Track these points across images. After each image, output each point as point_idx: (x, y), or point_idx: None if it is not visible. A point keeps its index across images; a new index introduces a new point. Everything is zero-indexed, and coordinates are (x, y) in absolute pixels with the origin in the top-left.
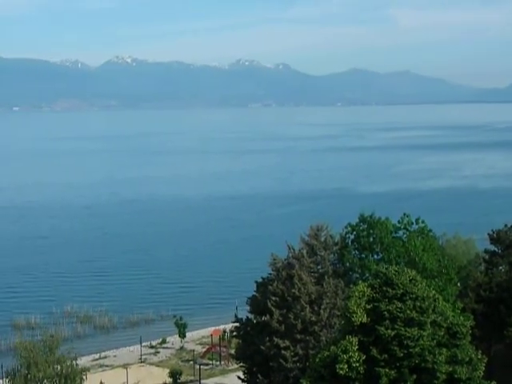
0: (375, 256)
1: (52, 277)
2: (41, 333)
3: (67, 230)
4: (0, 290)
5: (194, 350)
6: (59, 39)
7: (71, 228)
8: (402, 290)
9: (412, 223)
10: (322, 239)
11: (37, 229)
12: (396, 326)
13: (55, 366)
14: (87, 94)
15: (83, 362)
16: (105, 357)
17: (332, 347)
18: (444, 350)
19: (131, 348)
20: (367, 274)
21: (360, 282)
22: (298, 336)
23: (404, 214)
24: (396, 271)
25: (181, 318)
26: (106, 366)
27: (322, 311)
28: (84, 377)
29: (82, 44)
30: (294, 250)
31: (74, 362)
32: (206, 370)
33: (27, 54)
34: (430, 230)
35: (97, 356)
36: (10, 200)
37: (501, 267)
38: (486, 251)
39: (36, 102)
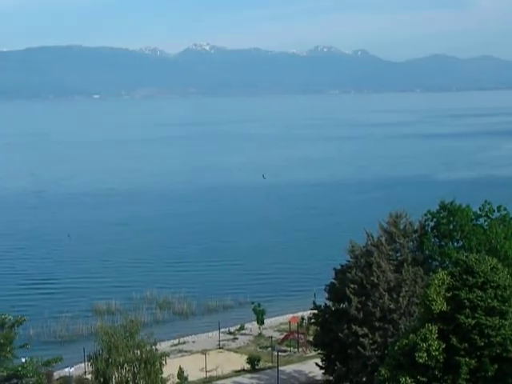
0: (455, 244)
1: (132, 263)
2: (121, 318)
3: (147, 217)
4: (81, 275)
5: (271, 337)
6: (139, 27)
7: (151, 215)
8: (482, 279)
9: (493, 211)
10: (401, 226)
11: (117, 215)
12: (476, 315)
13: (135, 351)
14: (166, 81)
15: (163, 347)
16: (184, 342)
17: (411, 335)
18: None
19: (210, 334)
20: (447, 262)
21: (440, 269)
22: (377, 324)
23: (485, 202)
24: (477, 259)
25: (259, 305)
26: (185, 351)
27: (400, 299)
28: (163, 362)
29: (161, 32)
30: (372, 237)
31: (153, 346)
32: (283, 356)
33: (107, 43)
34: None
35: (176, 341)
36: (91, 187)
37: None
38: None
39: (116, 89)
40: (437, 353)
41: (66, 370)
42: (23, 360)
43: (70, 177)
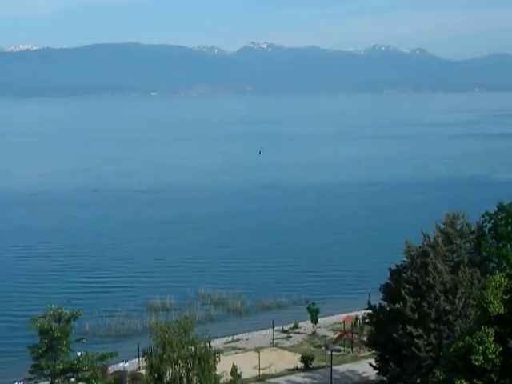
0: None
1: (187, 261)
2: (175, 314)
3: (202, 215)
4: (137, 272)
5: (325, 336)
6: (196, 25)
7: (206, 213)
8: None
9: None
10: (458, 227)
11: (172, 213)
12: None
13: (189, 347)
14: (223, 79)
15: (216, 344)
16: (237, 340)
17: (467, 338)
18: None
19: (263, 332)
20: (504, 264)
21: (497, 271)
22: (432, 325)
23: None
24: None
25: (313, 304)
26: (239, 348)
27: (456, 300)
28: (217, 359)
29: (218, 30)
30: (429, 237)
31: (207, 343)
32: (337, 356)
33: (165, 40)
34: None
35: (230, 339)
36: (148, 184)
37: None
38: None
39: (172, 87)
40: (493, 356)
41: (121, 364)
42: (79, 354)
43: (127, 174)
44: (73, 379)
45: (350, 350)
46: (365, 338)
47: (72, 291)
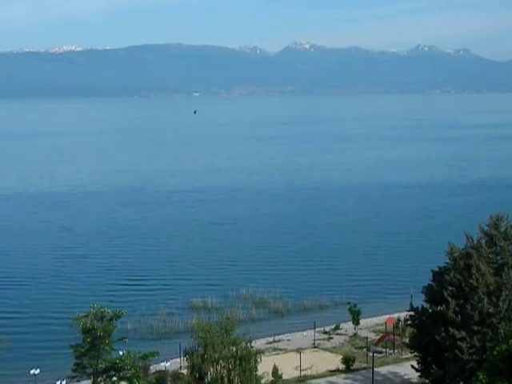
0: None
1: (228, 261)
2: (217, 314)
3: (244, 216)
4: (178, 272)
5: (367, 338)
6: (239, 26)
7: (248, 214)
8: None
9: None
10: (502, 229)
11: (214, 214)
12: None
13: (231, 348)
14: (265, 80)
15: (258, 344)
16: (279, 340)
17: (511, 341)
18: None
19: (304, 333)
20: None
21: None
22: (475, 327)
23: None
24: None
25: (355, 305)
26: (280, 349)
27: (500, 303)
28: (258, 359)
29: (260, 30)
30: (472, 239)
31: (248, 344)
32: (379, 357)
33: (208, 41)
34: None
35: (271, 339)
36: (190, 185)
37: None
38: None
39: (214, 87)
40: None
41: (162, 364)
42: (121, 353)
43: (169, 174)
44: (115, 378)
45: (391, 351)
46: (407, 340)
47: (114, 291)
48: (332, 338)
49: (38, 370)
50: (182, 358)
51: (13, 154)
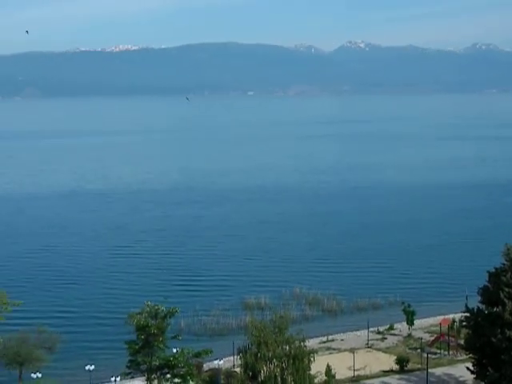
0: None
1: (282, 260)
2: (270, 313)
3: (296, 215)
4: (232, 271)
5: (421, 338)
6: (294, 24)
7: (300, 213)
8: None
9: None
10: None
11: (266, 213)
12: None
13: (284, 346)
14: (320, 79)
15: (311, 343)
16: (332, 340)
17: None
18: None
19: (358, 333)
20: None
21: None
22: None
23: None
24: None
25: (409, 306)
26: (333, 349)
27: None
28: (312, 358)
29: (315, 29)
30: None
31: (302, 343)
32: (433, 358)
33: (262, 40)
34: None
35: (324, 339)
36: (240, 183)
37: None
38: None
39: (269, 86)
40: None
41: (216, 362)
42: (174, 350)
43: (224, 173)
44: (168, 375)
45: (446, 353)
46: (462, 342)
47: (168, 289)
48: (386, 339)
49: (93, 366)
50: (235, 357)
51: (69, 153)
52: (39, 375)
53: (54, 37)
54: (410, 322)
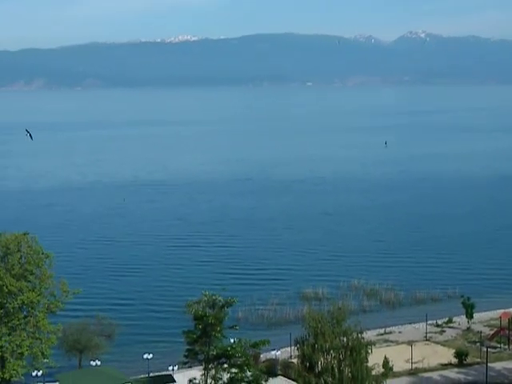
0: None
1: (340, 251)
2: (328, 304)
3: (354, 206)
4: (290, 262)
5: (481, 332)
6: (354, 14)
7: (359, 204)
8: None
9: None
10: None
11: (324, 204)
12: None
13: (341, 338)
14: (379, 69)
15: (368, 335)
16: (390, 332)
17: None
18: None
19: (416, 325)
20: None
21: None
22: None
23: None
24: None
25: (468, 299)
26: (391, 341)
27: None
28: (369, 350)
29: (376, 19)
30: None
31: (359, 335)
32: (493, 353)
33: (322, 30)
34: None
35: (382, 331)
36: (300, 174)
37: None
38: None
39: (328, 77)
40: None
41: (273, 352)
42: (232, 341)
43: (282, 164)
44: (225, 365)
45: (506, 347)
46: None
47: (226, 279)
48: (444, 332)
49: (151, 355)
50: (292, 348)
51: (130, 143)
52: (98, 362)
53: (115, 28)
54: (470, 316)
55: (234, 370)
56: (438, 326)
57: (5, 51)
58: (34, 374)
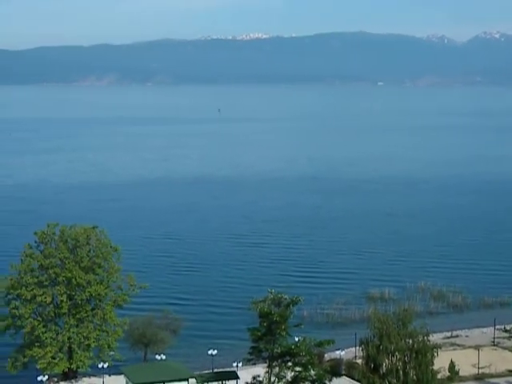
0: None
1: (407, 253)
2: (394, 306)
3: (423, 207)
4: (356, 262)
5: None
6: (427, 14)
7: (427, 205)
8: None
9: None
10: None
11: (392, 204)
12: None
13: (407, 340)
14: (452, 70)
15: (434, 338)
16: (456, 336)
17: None
18: None
19: (484, 330)
20: None
21: None
22: None
23: None
24: None
25: None
26: (458, 345)
27: None
28: (435, 353)
29: (448, 20)
30: None
31: (425, 337)
32: None
33: (394, 30)
34: None
35: (448, 334)
36: (365, 174)
37: None
38: None
39: (399, 77)
40: None
41: (337, 352)
42: (296, 339)
43: (350, 163)
44: (290, 363)
45: None
46: None
47: (291, 277)
48: None
49: (216, 351)
50: (357, 348)
51: (202, 139)
52: (163, 357)
53: (186, 25)
54: None
55: (297, 369)
56: (506, 331)
57: (78, 47)
58: (100, 365)
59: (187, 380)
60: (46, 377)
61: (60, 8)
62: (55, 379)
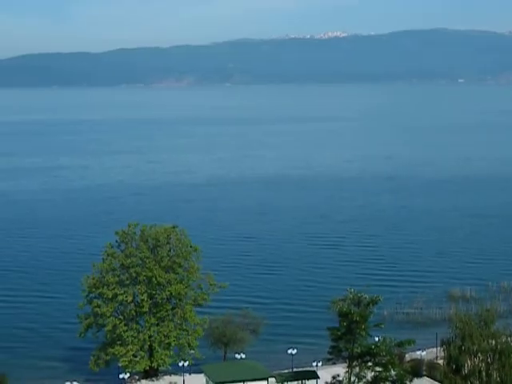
0: None
1: (487, 252)
2: (476, 306)
3: (501, 207)
4: (436, 261)
5: None
6: (509, 9)
7: (504, 205)
8: None
9: None
10: None
11: (470, 204)
12: None
13: (490, 341)
14: None
15: None
16: None
17: None
18: None
19: None
20: None
21: None
22: None
23: None
24: None
25: None
26: None
27: None
28: None
29: None
30: None
31: (509, 338)
32: None
33: (475, 26)
34: None
35: None
36: (441, 174)
37: None
38: None
39: (481, 74)
40: None
41: (418, 353)
42: (376, 339)
43: (428, 163)
44: (370, 363)
45: None
46: None
47: (370, 277)
48: None
49: (295, 350)
50: (438, 348)
51: (278, 139)
52: (243, 356)
53: (263, 24)
54: None
55: (378, 369)
56: None
57: (156, 48)
58: (180, 364)
59: (267, 379)
60: (128, 374)
61: (139, 12)
62: (136, 377)
